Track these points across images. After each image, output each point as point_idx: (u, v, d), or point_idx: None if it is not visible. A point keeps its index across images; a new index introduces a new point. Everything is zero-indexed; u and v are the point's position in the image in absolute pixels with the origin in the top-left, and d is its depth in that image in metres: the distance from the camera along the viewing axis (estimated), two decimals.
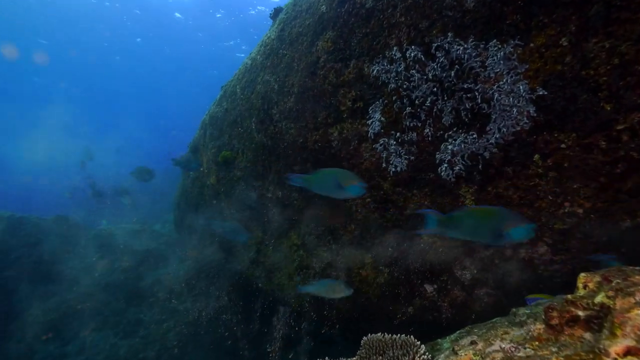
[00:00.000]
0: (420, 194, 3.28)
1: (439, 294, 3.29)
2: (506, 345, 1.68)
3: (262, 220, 4.66)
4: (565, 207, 2.55)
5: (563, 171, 2.51)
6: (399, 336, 2.13)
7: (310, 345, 4.46)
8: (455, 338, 2.17)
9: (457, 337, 2.18)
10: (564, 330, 1.56)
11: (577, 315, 1.59)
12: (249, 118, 4.55)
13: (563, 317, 1.57)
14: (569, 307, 1.59)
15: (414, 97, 3.12)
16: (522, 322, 1.85)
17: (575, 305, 1.62)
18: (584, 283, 1.70)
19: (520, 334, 1.72)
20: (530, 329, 1.70)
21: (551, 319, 1.61)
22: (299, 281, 4.25)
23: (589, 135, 2.37)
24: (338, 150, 3.69)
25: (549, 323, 1.62)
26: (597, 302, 1.55)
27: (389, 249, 3.54)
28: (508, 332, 1.79)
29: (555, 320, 1.59)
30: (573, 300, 1.64)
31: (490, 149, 2.79)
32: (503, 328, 1.84)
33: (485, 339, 1.82)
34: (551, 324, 1.61)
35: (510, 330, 1.80)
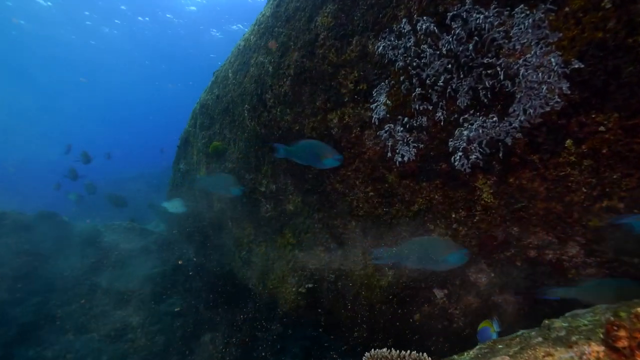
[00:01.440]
0: (429, 186, 2.91)
1: (450, 300, 2.92)
2: None
3: (255, 216, 4.29)
4: (604, 202, 2.18)
5: (601, 159, 2.14)
6: (408, 353, 1.75)
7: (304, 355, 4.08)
8: (475, 355, 1.79)
9: (476, 354, 1.80)
10: (635, 356, 1.19)
11: None
12: (241, 104, 4.18)
13: (635, 339, 1.20)
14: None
15: (424, 76, 2.75)
16: (565, 339, 1.47)
17: None
18: None
19: (570, 358, 1.35)
20: (584, 351, 1.33)
21: (617, 340, 1.23)
22: (294, 283, 3.88)
23: (635, 116, 2.00)
24: (338, 138, 3.32)
25: (612, 345, 1.25)
26: None
27: (392, 248, 3.16)
28: (551, 353, 1.41)
29: (624, 342, 1.22)
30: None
31: (514, 134, 2.43)
32: (542, 347, 1.46)
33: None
34: (616, 346, 1.23)
35: (553, 350, 1.42)
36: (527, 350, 1.47)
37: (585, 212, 2.25)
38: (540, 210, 2.41)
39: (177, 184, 6.32)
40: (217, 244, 5.16)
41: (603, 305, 1.85)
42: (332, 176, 3.44)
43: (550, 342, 1.49)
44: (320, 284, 3.67)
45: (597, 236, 2.23)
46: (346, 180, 3.36)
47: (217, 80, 4.86)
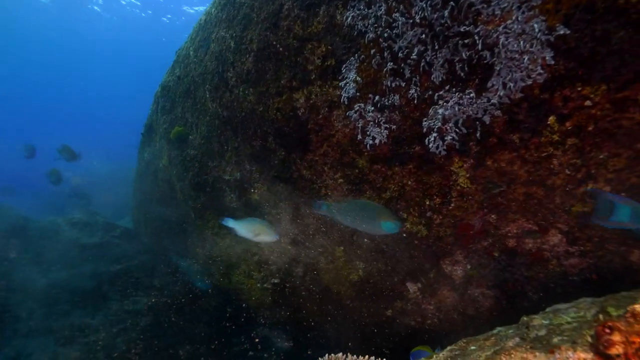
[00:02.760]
0: (402, 172, 2.66)
1: (423, 294, 2.69)
2: None
3: (219, 206, 3.96)
4: (588, 184, 1.98)
5: (587, 137, 1.93)
6: (365, 358, 1.50)
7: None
8: (445, 358, 1.55)
9: (447, 356, 1.56)
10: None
11: None
12: (202, 85, 3.83)
13: (632, 344, 0.97)
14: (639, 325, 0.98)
15: (396, 48, 2.49)
16: (545, 341, 1.24)
17: None
18: None
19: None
20: (568, 358, 1.09)
21: (610, 346, 1.00)
22: (259, 278, 3.59)
23: (625, 87, 1.79)
24: (305, 120, 3.03)
25: (603, 352, 1.02)
26: None
27: (364, 240, 2.92)
28: (527, 358, 1.18)
29: (618, 349, 0.99)
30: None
31: (492, 112, 2.19)
32: (520, 352, 1.23)
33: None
34: (609, 353, 1.00)
35: (531, 356, 1.19)
36: (501, 356, 1.24)
37: (568, 196, 2.04)
38: (520, 196, 2.20)
39: (141, 174, 5.89)
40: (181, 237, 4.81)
41: (588, 299, 1.64)
42: (299, 162, 3.15)
43: (528, 345, 1.25)
44: (287, 278, 3.39)
45: (581, 223, 2.02)
46: (314, 167, 3.08)
47: (178, 60, 4.48)
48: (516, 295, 2.32)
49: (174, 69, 4.54)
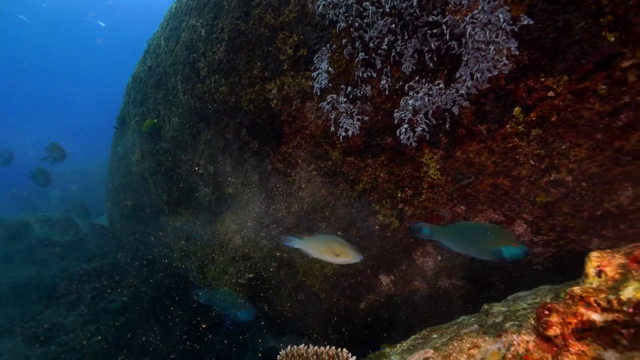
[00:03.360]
0: (375, 163, 2.65)
1: (396, 286, 2.70)
2: None
3: (193, 201, 3.87)
4: (551, 175, 2.00)
5: (550, 128, 1.96)
6: (326, 349, 1.48)
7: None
8: (407, 347, 1.55)
9: (409, 345, 1.56)
10: (568, 346, 0.97)
11: (591, 321, 1.00)
12: (174, 76, 3.72)
13: (568, 325, 0.98)
14: (577, 307, 0.99)
15: (367, 38, 2.46)
16: (499, 326, 1.25)
17: (587, 303, 1.03)
18: (598, 267, 1.12)
19: (497, 350, 1.13)
20: (513, 341, 1.10)
21: (548, 327, 1.01)
22: (233, 274, 3.53)
23: (585, 78, 1.82)
24: (278, 111, 2.98)
25: (543, 333, 1.02)
26: (626, 298, 0.96)
27: (338, 233, 2.90)
28: (478, 344, 1.19)
29: (555, 329, 0.99)
30: (584, 296, 1.04)
31: (460, 102, 2.20)
32: (471, 337, 1.23)
33: (444, 355, 1.21)
34: (547, 334, 1.01)
35: (481, 341, 1.19)
36: (454, 342, 1.24)
37: (532, 186, 2.06)
38: (487, 187, 2.22)
39: (114, 169, 5.72)
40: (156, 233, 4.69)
41: (547, 287, 1.66)
42: (273, 154, 3.10)
43: (481, 331, 1.26)
44: (262, 273, 3.35)
45: (545, 212, 2.05)
46: (288, 159, 3.03)
47: (149, 49, 4.33)
48: (484, 286, 2.35)
49: (145, 59, 4.40)
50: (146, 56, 4.39)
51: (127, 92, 4.94)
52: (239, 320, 2.92)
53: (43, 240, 6.27)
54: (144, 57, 4.46)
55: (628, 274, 1.00)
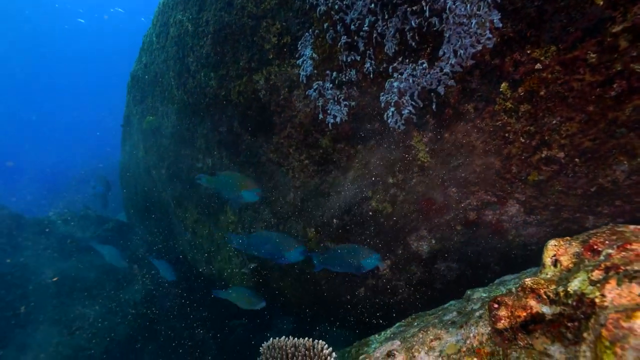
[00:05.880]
0: (365, 149, 2.60)
1: (393, 271, 2.69)
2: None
3: (196, 195, 3.95)
4: (543, 152, 1.91)
5: (539, 102, 1.85)
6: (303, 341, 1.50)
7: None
8: (390, 335, 1.55)
9: (392, 333, 1.56)
10: (517, 339, 0.94)
11: (540, 314, 0.96)
12: (167, 72, 3.73)
13: (516, 318, 0.94)
14: (527, 299, 0.95)
15: (348, 20, 2.38)
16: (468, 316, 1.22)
17: (538, 295, 0.99)
18: (554, 256, 1.06)
19: (455, 343, 1.11)
20: (470, 334, 1.08)
21: (497, 321, 0.98)
22: (238, 264, 3.61)
23: (574, 47, 1.70)
24: (267, 102, 2.95)
25: (494, 326, 0.99)
26: (572, 290, 0.91)
27: (333, 220, 2.90)
28: (440, 336, 1.17)
29: (504, 323, 0.96)
30: (535, 288, 1.00)
31: (446, 82, 2.10)
32: (436, 329, 1.22)
33: (408, 347, 1.20)
34: (498, 328, 0.98)
35: (443, 332, 1.17)
36: (420, 333, 1.23)
37: (524, 165, 1.98)
38: (478, 167, 2.14)
39: (125, 167, 5.88)
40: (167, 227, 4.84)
41: (533, 269, 1.61)
42: (266, 146, 3.10)
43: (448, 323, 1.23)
44: (265, 262, 3.40)
45: (537, 191, 1.97)
46: (280, 149, 3.02)
47: (144, 47, 4.35)
48: (480, 268, 2.30)
49: (141, 56, 4.42)
50: (141, 53, 4.42)
51: (128, 90, 5.01)
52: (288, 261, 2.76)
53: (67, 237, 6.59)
54: (140, 54, 4.48)
55: (581, 263, 0.95)
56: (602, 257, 0.98)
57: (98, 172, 8.93)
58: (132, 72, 4.74)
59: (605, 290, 0.86)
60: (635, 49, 1.57)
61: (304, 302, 3.38)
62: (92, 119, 28.60)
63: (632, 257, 0.92)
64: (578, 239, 1.05)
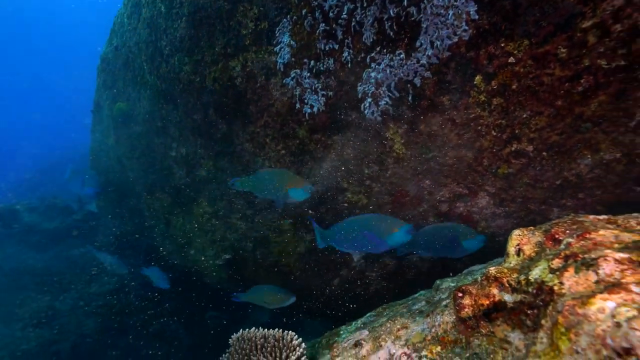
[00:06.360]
0: (341, 140, 2.58)
1: (367, 262, 2.70)
2: (397, 351, 1.07)
3: (169, 184, 3.83)
4: (513, 145, 1.94)
5: (511, 96, 1.88)
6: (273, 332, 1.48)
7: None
8: (360, 325, 1.56)
9: (362, 323, 1.56)
10: (479, 327, 0.95)
11: (502, 302, 0.97)
12: (139, 55, 3.58)
13: (479, 307, 0.95)
14: (490, 288, 0.96)
15: (327, 7, 2.33)
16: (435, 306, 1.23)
17: (501, 284, 1.00)
18: (518, 245, 1.08)
19: (421, 332, 1.11)
20: (436, 323, 1.09)
21: (461, 309, 0.99)
22: (212, 255, 3.54)
23: (546, 41, 1.72)
24: (243, 89, 2.88)
25: (459, 315, 1.00)
26: (533, 278, 0.92)
27: (309, 211, 2.87)
28: (407, 325, 1.17)
29: (468, 311, 0.97)
30: (498, 277, 1.01)
31: (422, 73, 2.10)
32: (404, 318, 1.22)
33: (375, 336, 1.20)
34: (462, 316, 0.99)
35: (410, 321, 1.18)
36: (388, 323, 1.23)
37: (494, 158, 2.01)
38: (450, 160, 2.16)
39: (95, 154, 5.65)
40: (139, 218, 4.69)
41: (500, 259, 1.64)
42: (241, 135, 3.03)
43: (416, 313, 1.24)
44: (239, 253, 3.35)
45: (506, 184, 2.01)
46: (256, 139, 2.96)
47: (114, 28, 4.16)
48: (450, 258, 2.34)
49: (112, 38, 4.22)
50: (112, 35, 4.22)
51: (98, 74, 4.79)
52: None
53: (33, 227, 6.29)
54: (110, 36, 4.28)
55: (542, 252, 0.97)
56: (563, 246, 1.00)
57: (79, 167, 7.94)
58: (102, 54, 4.53)
59: (563, 278, 0.87)
60: (602, 45, 1.61)
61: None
62: (60, 104, 27.14)
63: (590, 246, 0.94)
64: (541, 228, 1.07)
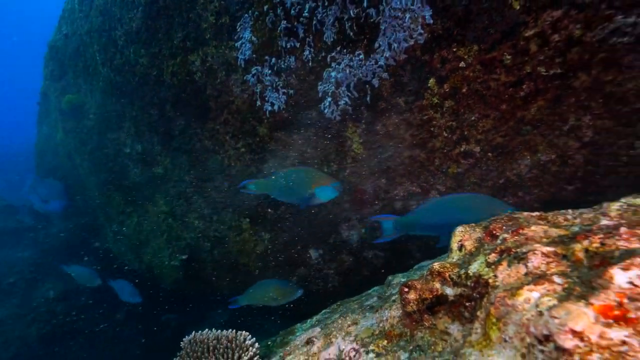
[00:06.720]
0: (301, 139, 2.58)
1: (324, 260, 2.72)
2: (346, 347, 1.08)
3: (123, 182, 3.65)
4: (462, 146, 2.04)
5: (461, 99, 1.97)
6: (226, 333, 1.45)
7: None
8: (315, 322, 1.56)
9: (317, 320, 1.56)
10: (423, 320, 0.99)
11: (444, 296, 1.02)
12: (91, 45, 3.39)
13: (423, 300, 0.99)
14: (434, 282, 1.00)
15: (288, 4, 2.33)
16: (385, 301, 1.26)
17: (443, 278, 1.05)
18: (460, 241, 1.14)
19: (370, 327, 1.14)
20: (384, 318, 1.11)
21: (407, 304, 1.02)
22: (168, 256, 3.41)
23: (493, 48, 1.82)
24: (203, 85, 2.81)
25: (404, 309, 1.04)
26: (472, 272, 0.98)
27: (268, 210, 2.85)
28: (357, 321, 1.19)
29: (413, 306, 1.01)
30: (441, 271, 1.06)
31: (380, 74, 2.16)
32: (355, 314, 1.24)
33: (327, 333, 1.21)
34: (407, 310, 1.02)
35: (360, 317, 1.20)
36: (339, 319, 1.25)
37: (445, 158, 2.10)
38: (405, 159, 2.23)
39: (41, 150, 5.26)
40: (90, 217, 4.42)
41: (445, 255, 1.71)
42: (200, 132, 2.95)
43: (368, 307, 1.27)
44: (196, 254, 3.25)
45: (455, 183, 2.10)
46: (215, 136, 2.90)
47: (64, 15, 3.91)
48: (403, 255, 2.41)
49: (61, 25, 3.96)
50: (61, 22, 3.96)
51: (46, 63, 4.46)
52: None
53: None
54: (60, 23, 4.01)
55: (482, 247, 1.03)
56: (499, 241, 1.06)
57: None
58: (50, 42, 4.23)
59: (497, 271, 0.92)
60: (542, 53, 1.73)
61: (237, 293, 3.29)
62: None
63: (523, 241, 1.00)
64: (481, 225, 1.13)
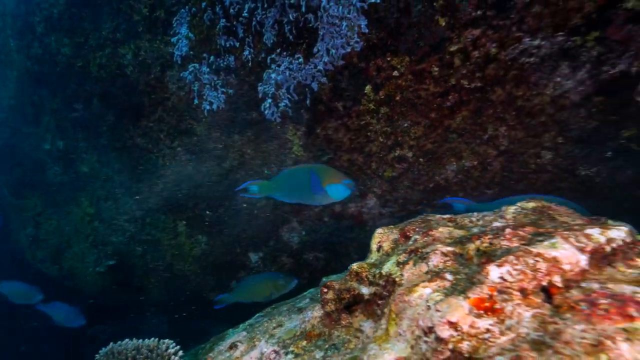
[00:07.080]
0: (241, 140, 2.54)
1: (264, 262, 2.69)
2: (268, 350, 1.08)
3: (41, 181, 3.29)
4: (396, 151, 2.14)
5: (395, 106, 2.07)
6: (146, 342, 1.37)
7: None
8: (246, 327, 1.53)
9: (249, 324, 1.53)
10: (341, 319, 1.03)
11: (361, 295, 1.06)
12: (3, 29, 3.03)
13: (341, 300, 1.03)
14: (352, 282, 1.05)
15: (227, 3, 2.28)
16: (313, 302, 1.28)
17: (360, 278, 1.10)
18: (379, 242, 1.19)
19: (292, 328, 1.15)
20: (306, 319, 1.14)
21: (326, 304, 1.06)
22: (92, 261, 3.14)
23: (422, 60, 1.94)
24: (135, 80, 2.64)
25: (324, 309, 1.07)
26: (385, 272, 1.03)
27: (206, 212, 2.75)
28: (282, 323, 1.20)
29: (331, 305, 1.04)
30: (359, 271, 1.11)
31: (319, 78, 2.18)
32: (281, 316, 1.25)
33: (252, 336, 1.20)
34: (327, 310, 1.06)
35: (286, 320, 1.21)
36: (265, 322, 1.24)
37: (381, 162, 2.19)
38: (344, 163, 2.29)
39: None
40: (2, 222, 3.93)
41: None
42: (132, 129, 2.76)
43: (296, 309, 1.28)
44: (125, 259, 3.04)
45: (390, 186, 2.20)
46: (149, 134, 2.74)
47: None
48: (342, 256, 2.46)
49: None
50: None
51: None
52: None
53: None
54: None
55: (396, 248, 1.09)
56: (411, 242, 1.13)
57: None
58: None
59: (404, 270, 0.98)
60: (465, 67, 1.87)
61: (173, 300, 3.13)
62: None
63: (430, 241, 1.07)
64: (398, 226, 1.19)
